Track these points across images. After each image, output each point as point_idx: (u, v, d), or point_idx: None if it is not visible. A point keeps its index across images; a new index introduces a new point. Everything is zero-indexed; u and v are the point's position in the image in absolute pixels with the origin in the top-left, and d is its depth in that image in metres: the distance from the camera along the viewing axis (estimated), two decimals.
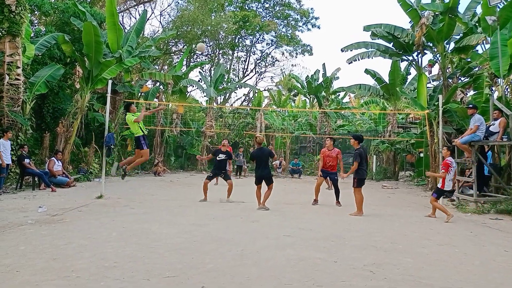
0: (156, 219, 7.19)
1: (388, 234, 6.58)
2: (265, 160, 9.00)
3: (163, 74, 19.73)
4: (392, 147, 19.83)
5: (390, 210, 9.46)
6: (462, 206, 9.79)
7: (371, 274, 4.40)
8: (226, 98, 30.42)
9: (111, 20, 15.59)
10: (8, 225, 6.26)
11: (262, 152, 9.07)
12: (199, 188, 10.27)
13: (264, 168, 8.96)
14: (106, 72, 14.04)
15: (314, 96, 24.94)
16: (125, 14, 27.88)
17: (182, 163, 21.64)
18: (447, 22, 13.45)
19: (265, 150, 9.18)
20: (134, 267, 4.35)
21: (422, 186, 15.71)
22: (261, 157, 9.00)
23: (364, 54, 17.71)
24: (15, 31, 11.71)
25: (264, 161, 8.97)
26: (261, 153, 9.04)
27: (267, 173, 9.00)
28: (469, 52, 13.77)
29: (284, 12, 32.41)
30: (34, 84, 13.42)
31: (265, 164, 8.99)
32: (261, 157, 9.00)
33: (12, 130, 11.48)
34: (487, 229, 7.45)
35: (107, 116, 10.63)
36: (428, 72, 17.25)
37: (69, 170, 13.60)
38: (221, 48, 29.81)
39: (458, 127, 13.61)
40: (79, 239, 5.49)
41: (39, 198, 9.56)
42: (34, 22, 18.88)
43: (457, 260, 5.12)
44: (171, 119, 21.08)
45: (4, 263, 4.35)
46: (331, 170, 10.02)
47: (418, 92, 14.61)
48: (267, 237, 6.02)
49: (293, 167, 20.13)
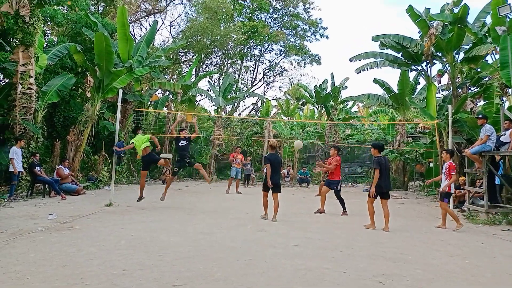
0: (165, 228, 7.21)
1: (398, 245, 6.52)
2: (279, 165, 8.74)
3: (172, 84, 19.90)
4: (401, 156, 19.68)
5: (399, 220, 9.36)
6: (473, 217, 9.66)
7: (380, 285, 4.36)
8: (234, 107, 30.52)
9: (122, 30, 15.84)
10: (18, 232, 6.33)
11: (277, 157, 8.81)
12: (208, 197, 10.30)
13: (276, 174, 8.63)
14: (116, 82, 14.22)
15: (322, 106, 24.92)
16: (136, 25, 28.29)
17: (191, 171, 21.67)
18: (456, 32, 13.43)
19: (279, 156, 8.96)
20: (142, 275, 4.37)
21: (432, 196, 15.53)
22: (277, 161, 8.67)
23: (372, 64, 17.73)
24: (29, 41, 11.96)
25: (278, 167, 8.70)
26: (276, 158, 8.71)
27: (278, 180, 8.76)
28: (479, 62, 13.69)
29: (292, 23, 32.56)
30: (46, 93, 13.64)
31: (278, 170, 8.72)
32: (276, 161, 8.64)
33: (24, 138, 11.66)
34: (499, 240, 7.34)
35: (117, 124, 10.75)
36: (438, 82, 17.16)
37: (79, 178, 13.72)
38: (230, 58, 30.02)
39: (468, 137, 13.50)
40: (88, 247, 5.53)
41: (49, 205, 9.65)
42: (47, 33, 19.24)
43: (468, 272, 5.04)
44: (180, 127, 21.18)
45: (14, 270, 4.39)
46: (331, 178, 9.92)
47: (428, 102, 14.54)
48: (274, 247, 6.00)
49: (301, 176, 20.06)
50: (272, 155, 8.71)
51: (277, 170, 8.71)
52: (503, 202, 10.28)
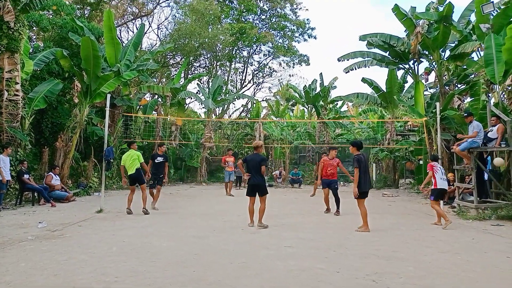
0: (156, 233, 7.16)
1: (390, 243, 6.56)
2: (256, 166, 8.00)
3: (161, 87, 19.83)
4: (391, 155, 19.85)
5: (391, 218, 9.44)
6: (463, 213, 9.77)
7: (373, 283, 4.39)
8: (224, 109, 30.48)
9: (108, 34, 15.72)
10: (8, 242, 6.23)
11: (255, 157, 8.15)
12: (200, 200, 10.27)
13: (255, 175, 8.00)
14: (104, 86, 14.08)
15: (312, 106, 25.05)
16: (123, 28, 28.09)
17: (182, 175, 21.60)
18: (442, 30, 13.59)
19: (258, 156, 8.19)
20: (135, 282, 4.33)
21: (422, 194, 15.67)
22: (252, 162, 8.07)
23: (360, 63, 17.86)
24: (14, 48, 11.78)
25: (255, 168, 8.00)
26: (253, 158, 8.16)
27: (259, 181, 8.01)
28: (465, 60, 13.88)
29: (280, 24, 32.66)
30: (33, 99, 13.45)
31: (256, 171, 8.00)
32: (252, 162, 8.07)
33: (11, 145, 11.48)
34: (489, 235, 7.43)
35: (106, 130, 10.67)
36: (425, 80, 17.36)
37: (69, 185, 13.56)
38: (219, 60, 29.98)
39: (456, 134, 13.66)
40: (79, 254, 5.46)
41: (39, 213, 9.52)
42: (33, 38, 19.02)
43: (459, 267, 5.10)
44: (169, 131, 21.10)
45: (4, 280, 4.32)
46: (332, 178, 10.25)
47: (416, 99, 14.69)
48: (267, 248, 6.00)
49: (293, 177, 20.12)
50: (252, 155, 8.25)
51: (253, 170, 7.98)
52: (492, 197, 10.43)
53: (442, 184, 8.31)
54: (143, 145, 20.14)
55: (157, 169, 10.76)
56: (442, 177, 8.36)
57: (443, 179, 8.37)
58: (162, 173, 10.84)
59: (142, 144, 20.02)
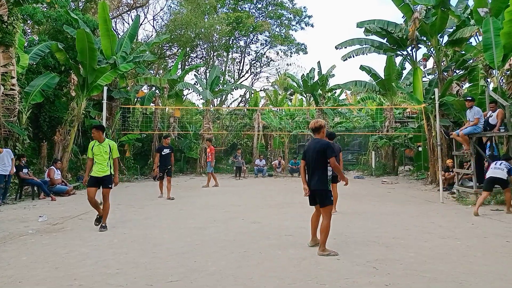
0: (157, 224, 7.18)
1: (390, 229, 6.58)
2: (316, 158, 5.20)
3: (158, 79, 19.69)
4: (390, 142, 19.85)
5: (390, 205, 9.47)
6: (463, 199, 9.81)
7: (374, 270, 4.40)
8: (222, 100, 30.39)
9: (104, 26, 15.56)
10: (9, 236, 6.24)
11: (314, 144, 5.31)
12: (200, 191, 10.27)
13: (313, 173, 5.25)
14: (101, 79, 14.00)
15: (310, 95, 24.94)
16: (118, 20, 27.85)
17: (181, 166, 21.57)
18: (440, 15, 13.46)
19: (318, 143, 5.26)
20: (136, 273, 4.34)
21: (422, 180, 15.73)
22: (311, 152, 5.29)
23: (358, 50, 17.73)
24: (8, 41, 11.66)
25: (314, 161, 5.22)
26: (311, 145, 5.37)
27: (315, 183, 5.22)
28: (463, 45, 13.79)
29: (277, 12, 32.42)
30: (30, 93, 13.37)
31: (316, 167, 5.22)
32: (310, 152, 5.31)
33: (9, 140, 11.44)
34: (488, 220, 7.46)
35: (104, 122, 10.61)
36: (423, 66, 17.27)
37: (68, 178, 13.55)
38: (216, 50, 29.79)
39: (455, 120, 13.65)
40: (80, 247, 5.47)
41: (39, 207, 9.52)
42: (27, 32, 18.81)
43: (460, 252, 5.12)
44: (168, 123, 21.04)
45: (6, 274, 4.33)
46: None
47: (414, 86, 14.63)
48: (268, 238, 6.02)
49: (292, 166, 20.13)
50: (310, 142, 5.55)
51: (312, 166, 5.27)
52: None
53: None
54: (142, 137, 20.11)
55: (164, 160, 10.96)
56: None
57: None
58: (170, 164, 11.07)
59: (141, 137, 19.99)
